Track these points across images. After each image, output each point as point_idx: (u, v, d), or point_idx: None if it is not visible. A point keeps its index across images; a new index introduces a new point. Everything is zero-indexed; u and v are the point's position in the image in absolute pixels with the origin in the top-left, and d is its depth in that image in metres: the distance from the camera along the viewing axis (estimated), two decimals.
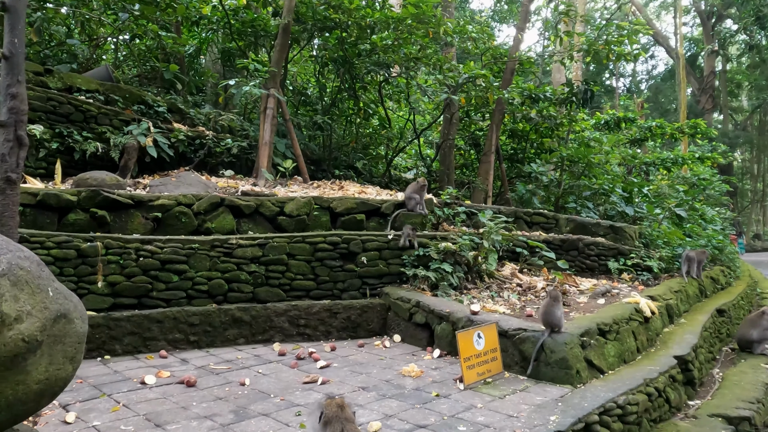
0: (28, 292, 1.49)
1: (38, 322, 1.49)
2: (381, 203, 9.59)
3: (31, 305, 1.48)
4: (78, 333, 1.67)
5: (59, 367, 1.58)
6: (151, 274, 7.42)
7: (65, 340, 1.62)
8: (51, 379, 1.55)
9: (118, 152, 9.69)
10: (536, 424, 4.74)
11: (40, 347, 1.51)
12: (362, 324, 8.29)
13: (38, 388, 1.52)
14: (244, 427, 4.78)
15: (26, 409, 1.54)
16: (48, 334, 1.54)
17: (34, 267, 1.57)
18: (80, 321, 1.71)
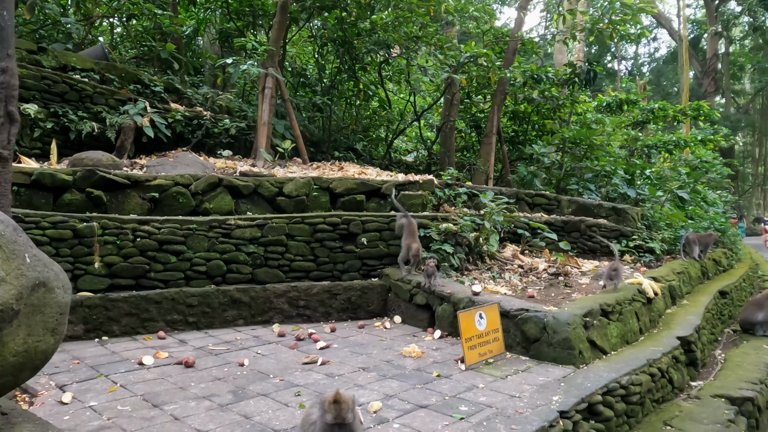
0: (2, 257, 1.38)
1: (13, 289, 1.38)
2: (381, 184, 9.46)
3: (5, 271, 1.38)
4: (59, 303, 1.57)
5: (39, 339, 1.48)
6: (148, 255, 7.33)
7: (45, 310, 1.51)
8: (30, 351, 1.45)
9: (114, 132, 9.55)
10: (539, 404, 4.68)
11: (17, 317, 1.41)
12: (362, 305, 8.22)
13: (16, 361, 1.42)
14: (243, 407, 4.72)
15: (3, 382, 1.45)
16: (25, 303, 1.44)
17: (8, 231, 1.46)
18: (62, 291, 1.60)
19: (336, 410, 2.77)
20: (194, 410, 4.62)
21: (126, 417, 4.45)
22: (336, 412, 2.77)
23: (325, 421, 2.76)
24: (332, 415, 2.76)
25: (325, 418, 2.76)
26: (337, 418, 2.74)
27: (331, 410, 2.77)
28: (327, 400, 2.82)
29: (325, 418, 2.76)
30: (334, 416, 2.74)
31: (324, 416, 2.77)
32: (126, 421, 4.35)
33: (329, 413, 2.76)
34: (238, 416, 4.51)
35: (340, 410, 2.78)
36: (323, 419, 2.78)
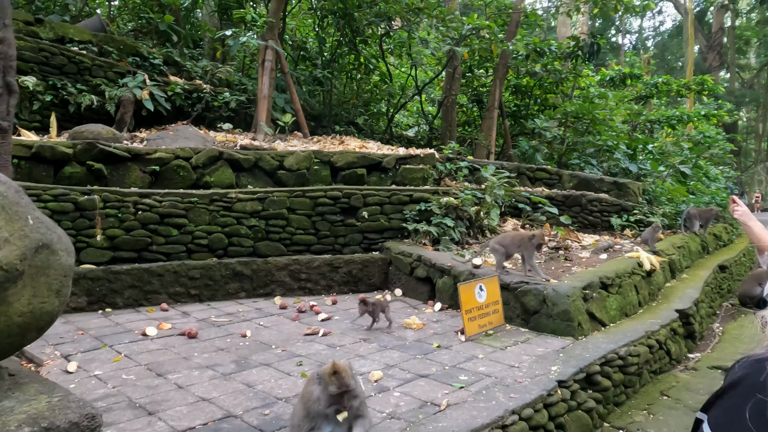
0: (5, 218, 1.39)
1: (17, 250, 1.39)
2: (382, 158, 9.44)
3: (8, 232, 1.39)
4: (63, 265, 1.58)
5: (44, 301, 1.50)
6: (150, 228, 7.35)
7: (49, 272, 1.53)
8: (35, 312, 1.46)
9: (113, 105, 9.49)
10: (538, 374, 4.74)
11: (22, 278, 1.42)
12: (363, 278, 8.27)
13: (22, 321, 1.44)
14: (245, 376, 4.78)
15: (10, 342, 1.46)
16: (29, 264, 1.45)
17: (11, 193, 1.46)
18: (65, 254, 1.61)
19: (338, 380, 2.80)
20: (198, 379, 4.69)
21: (131, 386, 4.52)
22: (338, 381, 2.80)
23: (330, 393, 2.78)
24: (335, 385, 2.78)
25: (329, 390, 2.78)
26: (341, 386, 2.77)
27: (333, 381, 2.80)
28: (326, 373, 2.84)
29: (329, 390, 2.79)
30: (338, 386, 2.78)
31: (327, 388, 2.79)
32: (131, 390, 4.42)
33: (332, 385, 2.79)
34: (241, 385, 4.57)
35: (342, 379, 2.81)
36: (327, 391, 2.80)
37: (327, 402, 2.81)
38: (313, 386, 2.91)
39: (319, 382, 2.86)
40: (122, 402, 4.18)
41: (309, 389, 2.94)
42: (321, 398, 2.82)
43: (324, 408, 2.79)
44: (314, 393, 2.87)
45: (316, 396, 2.85)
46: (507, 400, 4.16)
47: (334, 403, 2.78)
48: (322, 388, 2.83)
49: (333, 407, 2.77)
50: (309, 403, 2.87)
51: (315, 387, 2.89)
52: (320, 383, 2.85)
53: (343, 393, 2.80)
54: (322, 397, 2.82)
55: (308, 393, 2.92)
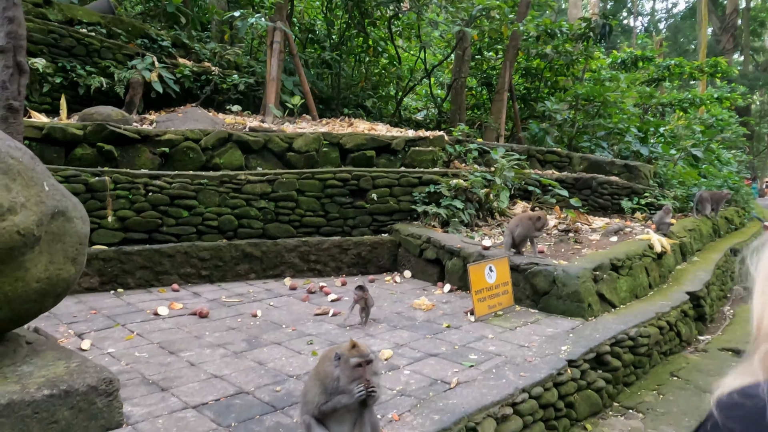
0: (21, 183, 1.39)
1: (34, 215, 1.40)
2: (391, 140, 9.40)
3: (25, 197, 1.39)
4: (78, 233, 1.59)
5: (60, 267, 1.50)
6: (160, 210, 7.39)
7: (65, 239, 1.53)
8: (52, 278, 1.47)
9: (123, 87, 9.49)
10: (547, 353, 4.74)
11: (38, 243, 1.43)
12: (372, 260, 8.28)
13: (39, 287, 1.45)
14: (256, 354, 4.82)
15: (28, 308, 1.48)
16: (46, 230, 1.46)
17: (27, 159, 1.47)
18: (80, 221, 1.62)
19: (359, 351, 2.82)
20: (209, 357, 4.74)
21: (144, 363, 4.57)
22: (359, 351, 2.82)
23: (352, 365, 2.78)
24: (357, 356, 2.80)
25: (351, 361, 2.79)
26: (362, 355, 2.79)
27: (354, 353, 2.81)
28: (346, 349, 2.85)
29: (350, 362, 2.79)
30: (359, 355, 2.79)
31: (349, 361, 2.80)
32: (144, 366, 4.47)
33: (354, 357, 2.80)
34: (252, 363, 4.61)
35: (362, 349, 2.83)
36: (349, 364, 2.79)
37: (349, 378, 2.80)
38: (329, 366, 2.90)
39: (337, 362, 2.86)
40: (135, 378, 4.23)
41: (325, 368, 2.92)
42: (341, 376, 2.82)
43: (345, 384, 2.79)
44: (332, 372, 2.86)
45: (335, 375, 2.84)
46: (517, 378, 4.18)
47: (356, 378, 2.77)
48: (341, 365, 2.83)
49: (355, 382, 2.77)
50: (326, 381, 2.86)
51: (332, 367, 2.88)
52: (339, 361, 2.85)
53: (365, 365, 2.81)
54: (342, 375, 2.82)
55: (324, 372, 2.91)
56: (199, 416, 3.62)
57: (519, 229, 6.81)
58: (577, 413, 4.60)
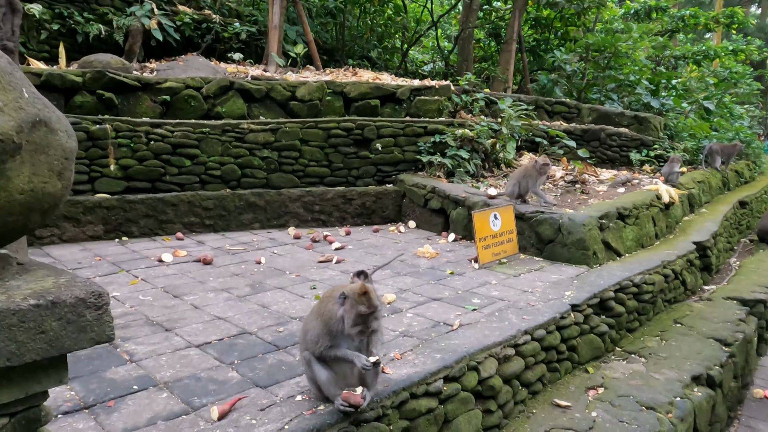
0: None
1: (12, 121, 1.34)
2: (396, 88, 9.21)
3: (2, 101, 1.33)
4: (63, 146, 1.53)
5: (45, 180, 1.45)
6: (162, 158, 7.32)
7: (49, 151, 1.47)
8: (37, 192, 1.42)
9: (122, 35, 9.28)
10: (551, 298, 4.73)
11: (20, 153, 1.37)
12: (377, 210, 8.24)
13: (23, 199, 1.40)
14: (260, 298, 4.84)
15: (14, 221, 1.43)
16: (27, 139, 1.40)
17: (3, 62, 1.39)
18: (65, 135, 1.56)
19: (368, 300, 2.74)
20: (213, 300, 4.75)
21: (148, 305, 4.59)
22: (368, 302, 2.73)
23: (359, 312, 2.72)
24: (365, 306, 2.73)
25: (359, 309, 2.73)
26: (370, 307, 2.72)
27: (363, 301, 2.73)
28: (356, 293, 2.76)
29: (358, 310, 2.73)
30: (368, 306, 2.72)
31: (356, 308, 2.73)
32: (148, 309, 4.50)
33: (362, 305, 2.72)
34: (255, 306, 4.63)
35: (371, 300, 2.75)
36: (355, 310, 2.73)
37: (353, 322, 2.75)
38: (333, 305, 2.85)
39: (342, 302, 2.80)
40: (140, 320, 4.26)
41: (329, 308, 2.86)
42: (346, 318, 2.76)
43: (349, 328, 2.74)
44: (337, 312, 2.80)
45: (339, 315, 2.79)
46: (519, 321, 4.17)
47: (359, 323, 2.73)
48: (347, 308, 2.78)
49: (358, 327, 2.73)
50: (330, 322, 2.81)
51: (336, 306, 2.83)
52: (344, 303, 2.79)
53: (370, 314, 2.76)
54: (347, 318, 2.76)
55: (328, 312, 2.85)
56: (202, 354, 3.65)
57: (524, 179, 6.72)
58: (579, 356, 4.62)
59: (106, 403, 3.01)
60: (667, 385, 4.34)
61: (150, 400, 3.03)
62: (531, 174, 6.67)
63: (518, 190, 6.77)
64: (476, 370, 3.57)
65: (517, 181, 6.78)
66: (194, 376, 3.32)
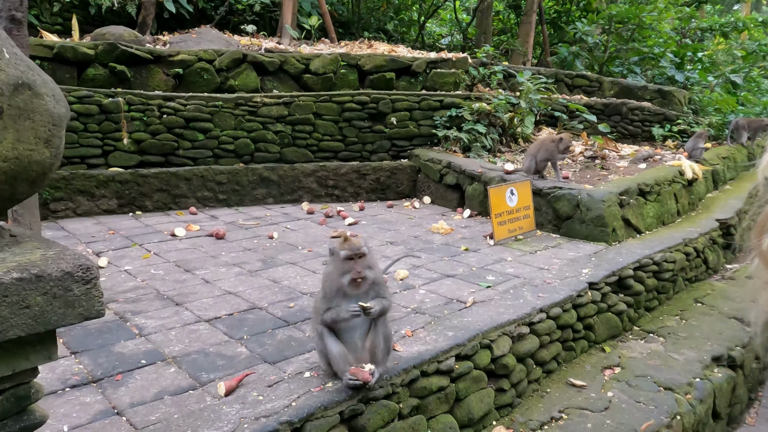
0: None
1: None
2: (412, 61, 9.00)
3: None
4: (51, 112, 1.44)
5: (31, 148, 1.37)
6: (175, 132, 7.26)
7: (34, 117, 1.39)
8: (23, 159, 1.35)
9: (135, 7, 9.18)
10: (567, 276, 4.61)
11: (1, 117, 1.28)
12: (391, 186, 8.13)
13: (7, 167, 1.33)
14: (271, 273, 4.79)
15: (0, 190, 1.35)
16: (9, 103, 1.32)
17: None
18: (52, 100, 1.47)
19: (350, 244, 2.70)
20: (224, 275, 4.72)
21: (159, 279, 4.57)
22: (350, 244, 2.70)
23: (343, 257, 2.68)
24: (348, 249, 2.69)
25: (341, 254, 2.69)
26: (353, 249, 2.67)
27: (346, 246, 2.70)
28: (338, 243, 2.76)
29: (341, 255, 2.69)
30: (350, 248, 2.68)
31: (340, 253, 2.69)
32: (159, 283, 4.48)
33: (345, 250, 2.69)
34: (266, 281, 4.59)
35: (353, 243, 2.71)
36: (341, 256, 2.69)
37: (342, 271, 2.70)
38: (327, 267, 2.84)
39: (331, 258, 2.77)
40: (151, 294, 4.24)
41: (325, 271, 2.87)
42: (335, 271, 2.73)
43: (339, 278, 2.69)
44: (330, 272, 2.79)
45: (330, 272, 2.76)
46: (535, 299, 4.07)
47: (347, 271, 2.67)
48: (334, 260, 2.74)
49: (348, 275, 2.67)
50: (326, 284, 2.80)
51: (329, 266, 2.82)
52: (332, 257, 2.76)
53: (357, 258, 2.70)
54: (335, 270, 2.73)
55: (325, 273, 2.85)
56: (211, 329, 3.61)
57: (541, 153, 6.55)
58: (596, 335, 4.51)
59: (114, 377, 2.99)
60: (686, 365, 4.23)
61: (158, 375, 3.01)
62: (549, 148, 6.48)
63: (535, 165, 6.61)
64: (489, 348, 3.49)
65: (533, 156, 6.61)
66: (203, 351, 3.29)
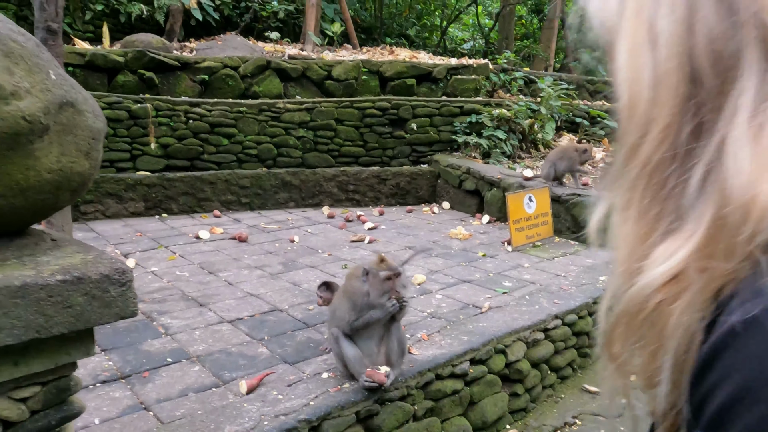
0: (24, 68, 1.36)
1: (40, 103, 1.38)
2: (433, 67, 9.08)
3: (29, 83, 1.37)
4: (91, 127, 1.57)
5: (73, 160, 1.50)
6: (201, 137, 7.46)
7: (76, 131, 1.52)
8: (65, 171, 1.47)
9: (163, 15, 9.43)
10: (584, 283, 4.64)
11: (47, 133, 1.42)
12: (411, 191, 8.22)
13: (52, 178, 1.45)
14: (292, 276, 4.91)
15: (43, 199, 1.49)
16: (54, 120, 1.44)
17: (31, 45, 1.43)
18: (92, 116, 1.60)
19: (387, 264, 2.80)
20: (247, 277, 4.86)
21: (184, 281, 4.73)
22: (388, 265, 2.80)
23: (382, 278, 2.77)
24: (386, 269, 2.78)
25: (380, 275, 2.77)
26: (391, 269, 2.77)
27: (383, 267, 2.79)
28: (374, 263, 2.84)
29: (380, 275, 2.77)
30: (389, 268, 2.78)
31: (378, 274, 2.78)
32: (184, 284, 4.63)
33: (382, 270, 2.78)
34: (287, 283, 4.71)
35: (389, 263, 2.81)
36: (378, 277, 2.78)
37: (379, 292, 2.79)
38: (357, 282, 2.90)
39: (365, 278, 2.85)
40: (176, 294, 4.39)
41: (353, 284, 2.92)
42: (371, 291, 2.81)
43: (376, 299, 2.78)
44: (361, 288, 2.85)
45: (364, 290, 2.83)
46: (550, 305, 4.11)
47: (385, 291, 2.77)
48: (370, 280, 2.82)
49: (385, 296, 2.77)
50: (356, 297, 2.87)
51: (360, 282, 2.88)
52: (367, 277, 2.84)
53: (394, 278, 2.80)
54: (372, 290, 2.81)
55: (353, 288, 2.91)
56: (234, 330, 3.74)
57: (563, 162, 6.57)
58: None
59: (142, 373, 3.13)
60: None
61: (183, 373, 3.14)
62: (572, 157, 6.50)
63: (554, 172, 6.63)
64: (504, 353, 3.55)
65: (552, 163, 6.64)
66: (225, 351, 3.41)
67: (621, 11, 0.56)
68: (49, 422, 1.52)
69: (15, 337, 1.32)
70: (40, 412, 1.52)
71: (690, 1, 0.51)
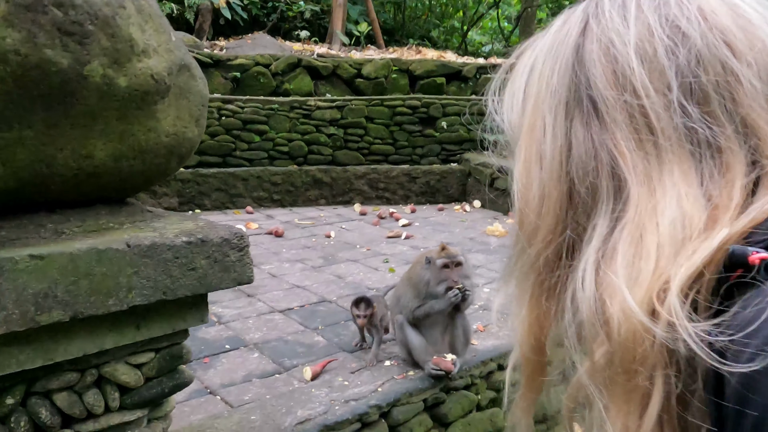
0: (153, 27, 1.35)
1: (165, 62, 1.37)
2: (462, 66, 9.05)
3: (156, 42, 1.36)
4: (201, 93, 1.56)
5: (186, 126, 1.48)
6: (233, 134, 7.47)
7: (189, 96, 1.51)
8: (179, 135, 1.46)
9: (193, 14, 9.50)
10: None
11: (168, 94, 1.40)
12: (441, 189, 8.18)
13: (168, 142, 1.44)
14: (334, 269, 4.89)
15: (157, 164, 1.48)
16: (174, 82, 1.43)
17: (155, 7, 1.42)
18: (202, 82, 1.59)
19: (447, 252, 2.80)
20: (289, 270, 4.84)
21: None
22: (447, 253, 2.80)
23: (439, 265, 2.77)
24: (445, 257, 2.78)
25: (438, 263, 2.78)
26: (450, 256, 2.77)
27: (444, 255, 2.80)
28: (435, 251, 2.86)
29: (437, 263, 2.78)
30: (447, 256, 2.78)
31: (436, 261, 2.78)
32: None
33: (442, 258, 2.78)
34: (331, 276, 4.69)
35: (450, 252, 2.81)
36: (437, 264, 2.78)
37: (437, 280, 2.80)
38: (420, 269, 2.92)
39: (427, 265, 2.85)
40: None
41: (417, 272, 2.94)
42: (430, 279, 2.82)
43: (434, 286, 2.78)
44: (424, 276, 2.87)
45: (426, 278, 2.84)
46: None
47: (443, 280, 2.76)
48: (431, 268, 2.82)
49: (444, 284, 2.76)
50: (419, 285, 2.89)
51: (423, 270, 2.89)
52: (429, 265, 2.84)
53: (452, 266, 2.79)
54: (432, 278, 2.82)
55: (416, 276, 2.93)
56: (286, 319, 3.72)
57: None
58: None
59: (202, 359, 3.11)
60: None
61: (243, 359, 3.12)
62: None
63: None
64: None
65: None
66: (281, 339, 3.39)
67: (520, 124, 0.64)
68: (162, 390, 1.50)
69: (144, 297, 1.30)
70: (154, 380, 1.50)
71: (568, 133, 0.56)
